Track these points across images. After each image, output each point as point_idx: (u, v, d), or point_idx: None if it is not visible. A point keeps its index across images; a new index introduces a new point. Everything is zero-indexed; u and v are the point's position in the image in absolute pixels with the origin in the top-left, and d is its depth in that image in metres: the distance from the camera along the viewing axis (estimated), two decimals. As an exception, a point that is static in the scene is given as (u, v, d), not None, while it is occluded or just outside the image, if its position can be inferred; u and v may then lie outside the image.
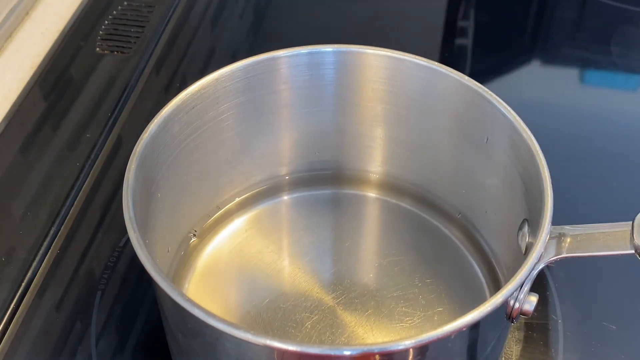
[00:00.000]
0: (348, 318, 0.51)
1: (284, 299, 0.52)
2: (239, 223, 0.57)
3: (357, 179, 0.59)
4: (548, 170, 0.45)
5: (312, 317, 0.51)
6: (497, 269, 0.53)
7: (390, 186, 0.58)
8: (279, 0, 0.84)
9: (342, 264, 0.54)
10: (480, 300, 0.40)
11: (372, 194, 0.59)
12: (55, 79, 0.70)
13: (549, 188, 0.44)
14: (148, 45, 0.73)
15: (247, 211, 0.57)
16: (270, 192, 0.58)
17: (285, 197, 0.58)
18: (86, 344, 0.52)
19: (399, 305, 0.52)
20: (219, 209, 0.57)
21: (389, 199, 0.58)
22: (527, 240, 0.47)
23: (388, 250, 0.55)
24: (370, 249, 0.56)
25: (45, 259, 0.56)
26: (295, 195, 0.58)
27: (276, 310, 0.51)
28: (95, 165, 0.62)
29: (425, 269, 0.54)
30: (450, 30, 0.81)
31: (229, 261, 0.55)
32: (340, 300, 0.52)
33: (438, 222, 0.57)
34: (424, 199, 0.57)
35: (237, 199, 0.57)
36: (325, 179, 0.59)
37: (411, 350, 0.39)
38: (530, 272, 0.41)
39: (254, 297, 0.53)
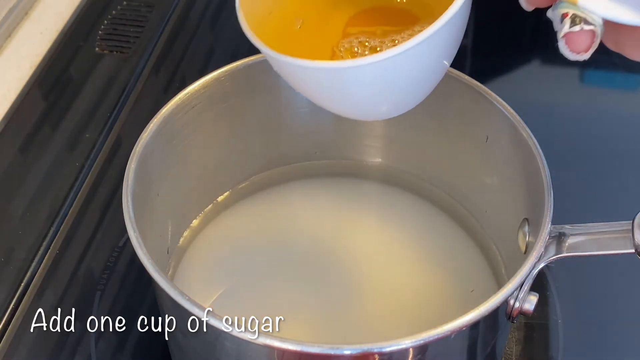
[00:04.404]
0: (348, 315, 0.51)
1: (285, 296, 0.52)
2: (238, 222, 0.57)
3: (357, 177, 0.59)
4: (548, 170, 0.45)
5: (313, 314, 0.51)
6: (497, 268, 0.53)
7: (390, 184, 0.58)
8: None
9: (343, 263, 0.54)
10: (480, 299, 0.40)
11: (371, 191, 0.59)
12: (55, 79, 0.70)
13: (549, 187, 0.44)
14: (147, 45, 0.73)
15: (247, 210, 0.57)
16: (269, 190, 0.58)
17: (285, 194, 0.58)
18: (86, 344, 0.52)
19: (399, 304, 0.52)
20: (219, 208, 0.57)
21: (388, 197, 0.58)
22: (527, 239, 0.47)
23: (388, 248, 0.55)
24: (370, 248, 0.56)
25: (44, 259, 0.56)
26: (294, 192, 0.58)
27: (277, 308, 0.51)
28: (94, 166, 0.62)
29: (425, 267, 0.54)
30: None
31: (229, 260, 0.55)
32: (341, 297, 0.52)
33: (438, 221, 0.56)
34: (424, 198, 0.57)
35: (237, 198, 0.57)
36: (325, 178, 0.59)
37: (411, 349, 0.39)
38: (531, 272, 0.41)
39: (254, 295, 0.53)
